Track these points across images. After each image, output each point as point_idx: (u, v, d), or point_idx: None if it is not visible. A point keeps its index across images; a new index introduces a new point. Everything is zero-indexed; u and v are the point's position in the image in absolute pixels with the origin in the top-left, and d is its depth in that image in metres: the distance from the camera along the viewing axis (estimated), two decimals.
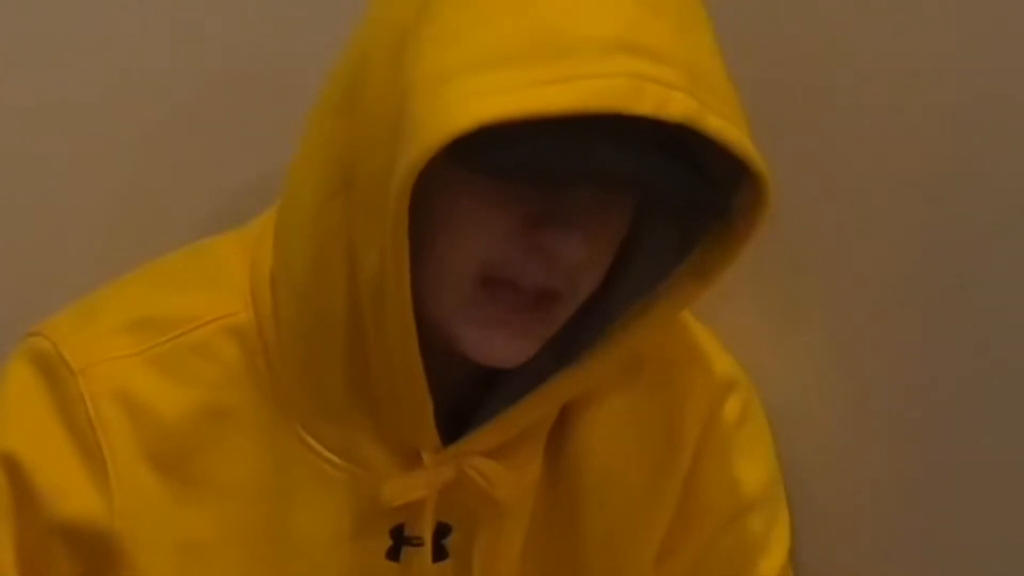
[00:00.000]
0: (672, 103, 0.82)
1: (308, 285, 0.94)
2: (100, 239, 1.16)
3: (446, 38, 0.85)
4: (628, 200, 0.92)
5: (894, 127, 1.02)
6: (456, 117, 0.80)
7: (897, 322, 1.04)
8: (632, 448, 1.05)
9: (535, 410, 0.96)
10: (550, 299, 0.90)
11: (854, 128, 1.05)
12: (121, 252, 1.10)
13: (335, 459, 0.97)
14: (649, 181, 0.88)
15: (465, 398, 0.99)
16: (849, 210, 1.07)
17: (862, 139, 1.05)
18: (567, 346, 0.95)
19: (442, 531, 0.99)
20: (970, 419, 1.00)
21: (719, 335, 1.08)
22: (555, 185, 0.88)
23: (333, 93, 0.93)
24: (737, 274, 0.93)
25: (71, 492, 0.96)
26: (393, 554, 0.98)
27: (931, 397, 1.01)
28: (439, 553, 0.99)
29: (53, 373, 0.97)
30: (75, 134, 1.17)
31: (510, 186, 0.87)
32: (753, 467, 1.09)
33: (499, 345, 0.92)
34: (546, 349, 0.94)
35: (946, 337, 0.99)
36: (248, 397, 0.98)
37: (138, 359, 0.97)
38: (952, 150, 0.97)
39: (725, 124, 0.84)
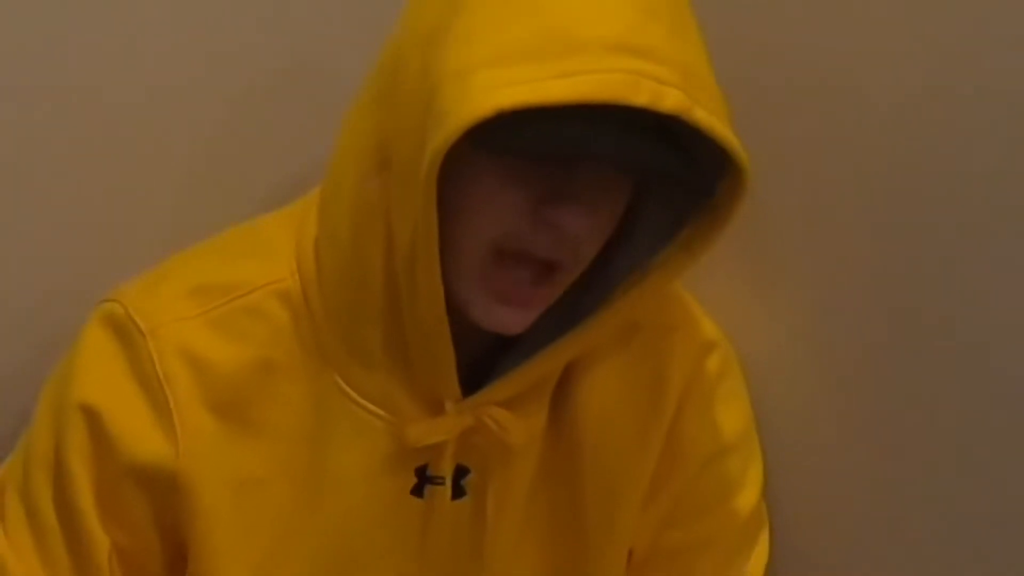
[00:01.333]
0: (665, 97, 0.88)
1: (349, 254, 1.01)
2: (165, 219, 1.22)
3: (469, 38, 0.91)
4: (625, 181, 0.98)
5: (857, 119, 1.07)
6: (478, 105, 0.86)
7: (857, 289, 1.11)
8: (625, 400, 1.11)
9: (543, 367, 1.03)
10: (554, 268, 0.97)
11: (822, 120, 1.11)
12: (183, 229, 1.15)
13: (370, 406, 1.04)
14: (643, 163, 0.95)
15: (483, 355, 1.05)
16: (817, 192, 1.12)
17: (829, 130, 1.10)
18: (572, 312, 1.02)
19: (460, 472, 1.05)
20: (920, 370, 1.06)
21: (702, 302, 1.14)
22: (562, 166, 0.94)
23: (372, 87, 1.00)
24: (718, 249, 0.99)
25: (142, 437, 1.02)
26: (417, 491, 1.05)
27: (888, 353, 1.08)
28: (457, 491, 1.06)
29: (125, 334, 1.03)
30: (147, 127, 1.22)
31: (523, 166, 0.93)
32: (730, 416, 1.15)
33: (504, 315, 0.99)
34: (554, 315, 1.01)
35: (903, 300, 1.06)
36: (294, 352, 1.05)
37: (199, 320, 1.04)
38: (906, 139, 1.04)
39: (711, 117, 0.90)
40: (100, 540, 1.04)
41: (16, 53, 1.16)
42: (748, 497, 1.16)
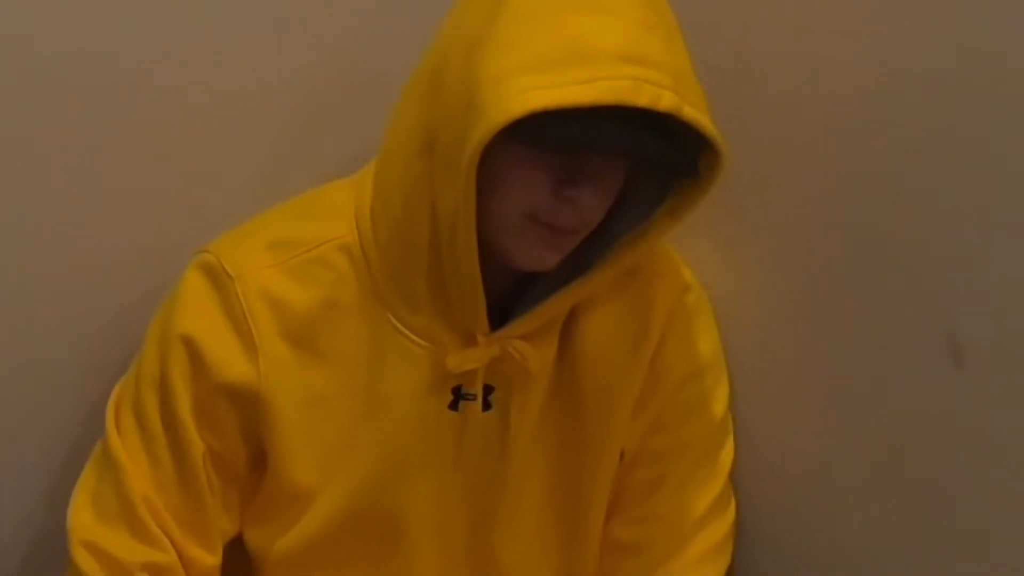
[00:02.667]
0: (662, 98, 1.00)
1: (400, 218, 1.13)
2: (250, 185, 1.33)
3: (503, 48, 1.02)
4: (624, 163, 1.10)
5: (806, 109, 1.19)
6: (512, 105, 0.98)
7: (802, 243, 1.24)
8: (618, 333, 1.23)
9: (554, 308, 1.15)
10: (571, 234, 1.10)
11: (777, 111, 1.23)
12: (264, 194, 1.27)
13: (416, 339, 1.16)
14: (642, 151, 1.07)
15: (506, 300, 1.17)
16: (770, 170, 1.24)
17: (784, 120, 1.22)
18: (577, 264, 1.15)
19: (488, 390, 1.18)
20: (860, 302, 1.17)
21: (682, 254, 1.27)
22: (577, 153, 1.06)
23: (419, 83, 1.11)
24: (698, 214, 1.12)
25: (231, 363, 1.15)
26: (454, 406, 1.17)
27: (830, 293, 1.20)
28: (486, 405, 1.18)
29: (217, 279, 1.15)
30: (238, 114, 1.33)
31: (546, 154, 1.05)
32: (703, 344, 1.27)
33: (537, 255, 1.10)
34: (564, 266, 1.13)
35: (839, 252, 1.18)
36: (354, 294, 1.16)
37: (276, 268, 1.16)
38: (845, 125, 1.15)
39: (697, 113, 1.02)
40: (196, 444, 1.16)
41: (142, 60, 1.26)
42: (718, 409, 1.28)
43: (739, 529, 1.31)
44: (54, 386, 1.33)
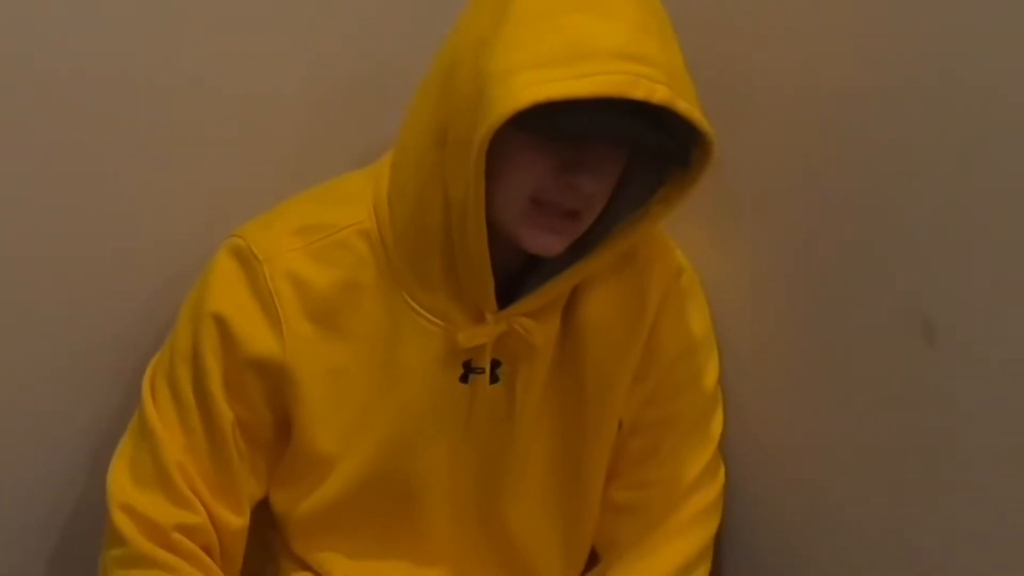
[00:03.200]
0: (656, 92, 1.03)
1: (415, 205, 1.16)
2: (276, 175, 1.36)
3: (510, 47, 1.06)
4: (623, 153, 1.13)
5: (791, 104, 1.24)
6: (518, 98, 1.01)
7: (785, 230, 1.28)
8: (617, 312, 1.26)
9: (557, 288, 1.19)
10: (575, 216, 1.13)
11: (763, 107, 1.27)
12: (288, 183, 1.31)
13: (429, 316, 1.19)
14: (639, 140, 1.10)
15: (513, 280, 1.21)
16: (765, 162, 1.27)
17: (775, 115, 1.26)
18: (580, 247, 1.18)
19: (496, 364, 1.22)
20: (836, 282, 1.22)
21: (677, 240, 1.30)
22: (579, 142, 1.10)
23: (432, 81, 1.15)
24: (690, 203, 1.16)
25: (258, 339, 1.19)
26: (464, 379, 1.21)
27: (828, 285, 1.24)
28: (494, 378, 1.22)
29: (246, 261, 1.19)
30: (266, 109, 1.38)
31: (550, 143, 1.09)
32: (694, 322, 1.31)
33: (544, 240, 1.13)
34: (567, 249, 1.16)
35: (835, 238, 1.21)
36: (372, 275, 1.20)
37: (301, 251, 1.19)
38: (824, 121, 1.19)
39: (689, 106, 1.05)
40: (226, 414, 1.19)
41: (179, 62, 1.30)
42: (708, 383, 1.32)
43: (728, 493, 1.35)
44: (95, 362, 1.36)
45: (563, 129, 1.07)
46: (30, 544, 1.44)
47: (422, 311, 1.21)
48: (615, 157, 1.13)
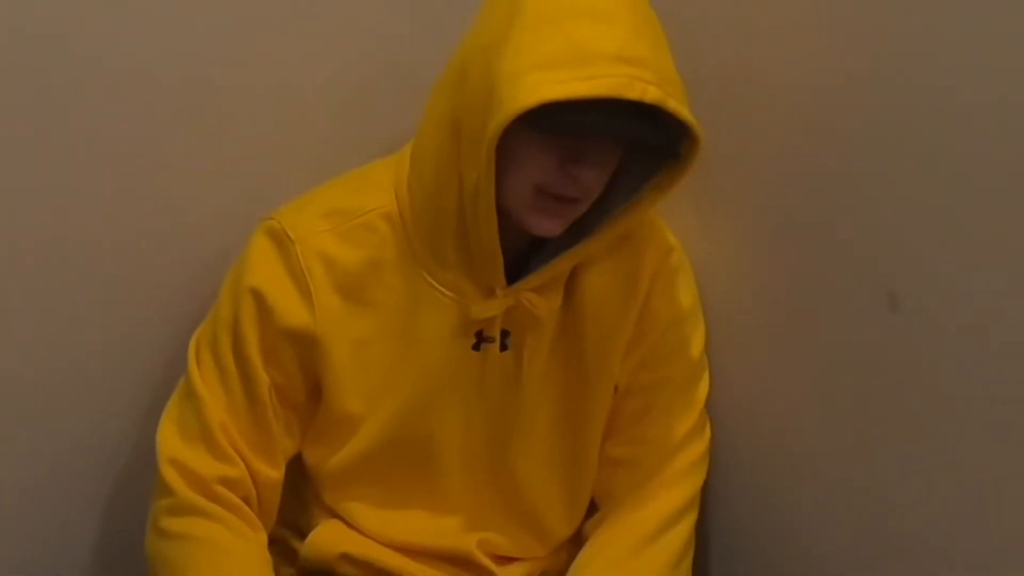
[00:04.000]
0: (649, 92, 1.07)
1: (432, 191, 1.21)
2: (307, 164, 1.39)
3: (518, 50, 1.09)
4: (619, 147, 1.17)
5: (775, 102, 1.28)
6: (525, 97, 1.06)
7: (765, 213, 1.32)
8: (613, 287, 1.30)
9: (559, 267, 1.23)
10: (575, 202, 1.17)
11: (752, 104, 1.31)
12: (319, 171, 1.34)
13: (445, 291, 1.24)
14: (634, 136, 1.15)
15: (520, 260, 1.24)
16: (747, 152, 1.32)
17: (755, 111, 1.30)
18: (580, 230, 1.22)
19: (505, 334, 1.26)
20: (821, 265, 1.26)
21: (668, 221, 1.34)
22: (579, 137, 1.13)
23: (447, 79, 1.19)
24: (680, 188, 1.20)
25: (291, 311, 1.24)
26: (476, 347, 1.26)
27: (802, 259, 1.28)
28: (503, 347, 1.26)
29: (280, 242, 1.24)
30: (298, 104, 1.42)
31: (553, 139, 1.13)
32: (683, 296, 1.34)
33: (547, 223, 1.18)
34: (568, 232, 1.21)
35: (809, 218, 1.26)
36: (394, 254, 1.24)
37: (330, 233, 1.24)
38: (802, 117, 1.24)
39: (678, 105, 1.09)
40: (263, 379, 1.24)
41: (225, 60, 1.36)
42: (695, 350, 1.35)
43: (713, 448, 1.39)
44: (144, 332, 1.42)
45: (565, 127, 1.11)
46: (87, 493, 1.48)
47: (439, 286, 1.24)
48: (612, 151, 1.17)
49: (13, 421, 1.38)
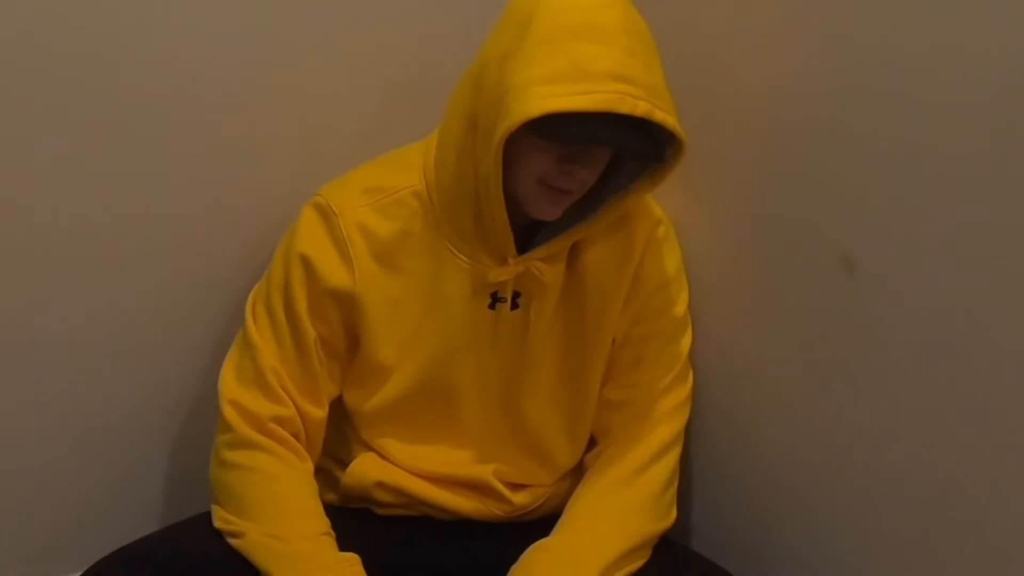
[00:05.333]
0: (638, 107, 1.13)
1: (453, 174, 1.26)
2: (348, 148, 1.44)
3: (526, 64, 1.15)
4: (609, 151, 1.23)
5: (748, 103, 1.34)
6: (531, 108, 1.12)
7: (739, 200, 1.39)
8: (610, 256, 1.35)
9: (563, 242, 1.29)
10: (571, 193, 1.24)
11: (730, 104, 1.37)
12: (358, 155, 1.39)
13: (465, 259, 1.29)
14: (624, 144, 1.20)
15: (528, 233, 1.30)
16: (726, 141, 1.37)
17: (732, 110, 1.37)
18: (581, 211, 1.28)
19: (516, 295, 1.32)
20: (787, 235, 1.31)
21: (658, 198, 1.37)
22: (577, 144, 1.19)
23: (466, 82, 1.24)
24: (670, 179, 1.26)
25: (334, 274, 1.29)
26: (491, 306, 1.32)
27: (770, 230, 1.34)
28: (514, 306, 1.32)
29: (326, 215, 1.30)
30: (338, 101, 1.50)
31: (554, 144, 1.19)
32: (669, 263, 1.38)
33: (547, 209, 1.24)
34: (569, 216, 1.27)
35: (776, 195, 1.33)
36: (422, 227, 1.30)
37: (368, 207, 1.30)
38: (773, 118, 1.30)
39: (665, 116, 1.15)
40: (310, 331, 1.30)
41: (284, 60, 1.44)
42: (680, 309, 1.40)
43: (695, 393, 1.43)
44: (208, 292, 1.50)
45: (564, 134, 1.17)
46: (162, 430, 1.56)
47: (459, 255, 1.29)
48: (603, 152, 1.23)
49: (96, 369, 1.47)
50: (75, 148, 1.37)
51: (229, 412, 1.30)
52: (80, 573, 1.26)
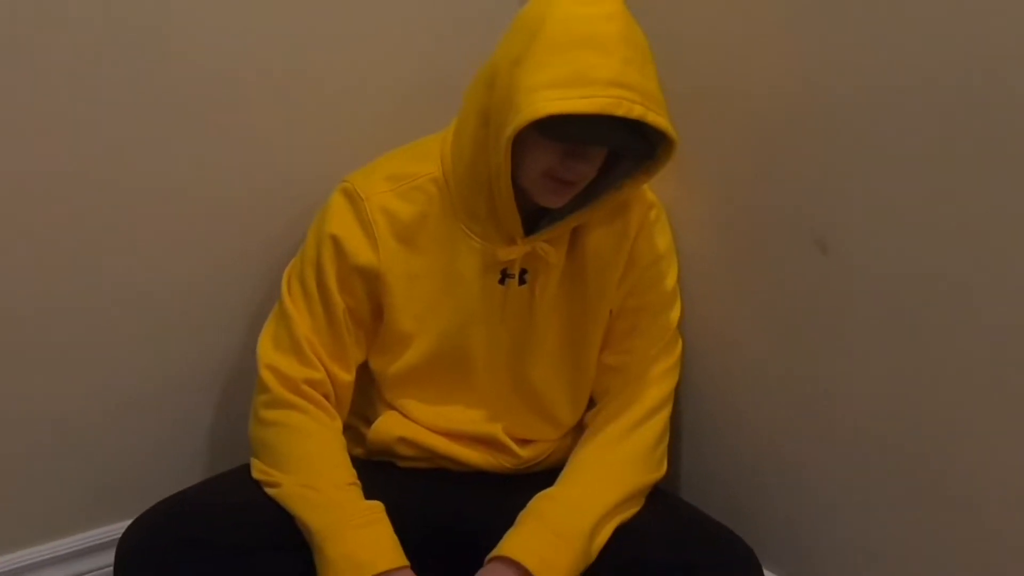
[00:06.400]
0: (634, 110, 1.17)
1: (468, 163, 1.29)
2: (373, 141, 1.46)
3: (534, 68, 1.18)
4: (605, 149, 1.26)
5: (732, 102, 1.37)
6: (537, 110, 1.15)
7: (730, 181, 1.40)
8: (607, 238, 1.38)
9: (565, 227, 1.32)
10: (573, 184, 1.27)
11: (714, 102, 1.40)
12: (382, 146, 1.43)
13: (477, 239, 1.33)
14: (620, 144, 1.24)
15: (534, 217, 1.32)
16: (711, 136, 1.40)
17: (716, 108, 1.40)
18: (581, 203, 1.31)
19: (523, 272, 1.35)
20: (766, 216, 1.34)
21: (651, 181, 1.34)
22: (578, 143, 1.23)
23: (479, 82, 1.28)
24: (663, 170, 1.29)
25: (361, 252, 1.33)
26: (501, 281, 1.34)
27: (750, 211, 1.38)
28: (521, 282, 1.35)
29: (353, 199, 1.34)
30: (368, 100, 1.54)
31: (557, 143, 1.22)
32: (660, 242, 1.42)
33: (551, 199, 1.28)
34: (573, 203, 1.30)
35: (755, 180, 1.36)
36: (440, 210, 1.33)
37: (391, 192, 1.33)
38: (757, 119, 1.34)
39: (658, 118, 1.18)
40: (339, 303, 1.34)
41: (315, 59, 1.48)
42: (670, 283, 1.43)
43: (683, 358, 1.46)
44: (247, 268, 1.53)
45: (567, 134, 1.21)
46: (205, 391, 1.59)
47: (473, 236, 1.33)
48: (602, 149, 1.27)
49: (149, 338, 1.50)
50: (137, 136, 1.39)
51: (267, 375, 1.33)
52: (133, 519, 1.30)
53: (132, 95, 1.37)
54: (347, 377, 1.38)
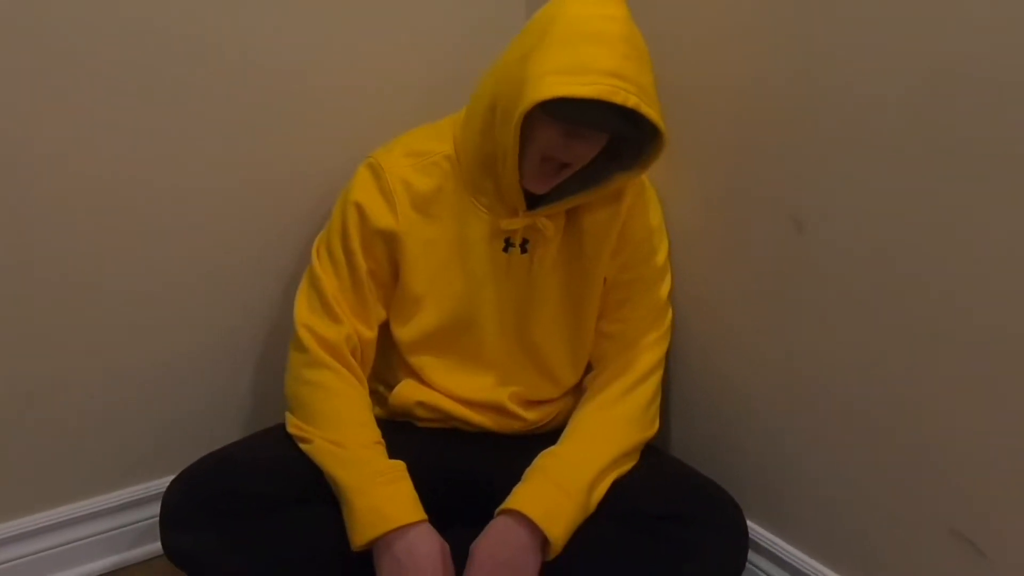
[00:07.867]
0: (629, 99, 1.21)
1: (478, 144, 1.36)
2: (395, 127, 1.52)
3: (544, 58, 1.23)
4: (604, 136, 1.30)
5: (718, 96, 1.41)
6: (543, 92, 1.20)
7: (715, 165, 1.44)
8: (602, 215, 1.43)
9: (562, 206, 1.37)
10: (568, 167, 1.31)
11: (702, 98, 1.44)
12: (402, 126, 1.50)
13: (484, 211, 1.39)
14: (616, 129, 1.27)
15: (535, 200, 1.38)
16: (700, 122, 1.43)
17: (702, 104, 1.43)
18: (581, 187, 1.36)
19: (524, 242, 1.41)
20: (747, 196, 1.37)
21: (647, 171, 1.38)
22: (578, 124, 1.26)
23: (490, 76, 1.34)
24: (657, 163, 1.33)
25: (382, 217, 1.39)
26: (505, 249, 1.41)
27: (733, 192, 1.41)
28: (523, 250, 1.41)
29: (376, 172, 1.41)
30: (391, 94, 1.61)
31: (559, 123, 1.26)
32: (652, 219, 1.47)
33: (539, 182, 1.32)
34: (572, 188, 1.35)
35: (738, 166, 1.39)
36: (453, 184, 1.40)
37: (410, 167, 1.40)
38: (742, 108, 1.37)
39: (649, 110, 1.22)
40: (363, 266, 1.40)
41: (338, 63, 1.56)
42: (660, 258, 1.48)
43: (673, 327, 1.52)
44: (283, 238, 1.61)
45: (569, 116, 1.25)
46: (245, 352, 1.65)
47: (480, 207, 1.39)
48: (600, 135, 1.31)
49: (194, 304, 1.56)
50: (189, 126, 1.48)
51: (304, 334, 1.40)
52: (177, 473, 1.36)
53: (190, 93, 1.45)
54: (370, 334, 1.44)
